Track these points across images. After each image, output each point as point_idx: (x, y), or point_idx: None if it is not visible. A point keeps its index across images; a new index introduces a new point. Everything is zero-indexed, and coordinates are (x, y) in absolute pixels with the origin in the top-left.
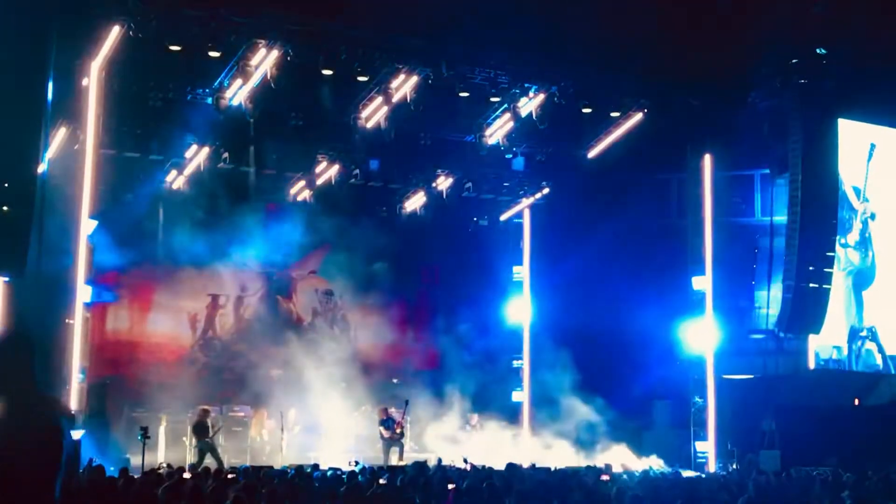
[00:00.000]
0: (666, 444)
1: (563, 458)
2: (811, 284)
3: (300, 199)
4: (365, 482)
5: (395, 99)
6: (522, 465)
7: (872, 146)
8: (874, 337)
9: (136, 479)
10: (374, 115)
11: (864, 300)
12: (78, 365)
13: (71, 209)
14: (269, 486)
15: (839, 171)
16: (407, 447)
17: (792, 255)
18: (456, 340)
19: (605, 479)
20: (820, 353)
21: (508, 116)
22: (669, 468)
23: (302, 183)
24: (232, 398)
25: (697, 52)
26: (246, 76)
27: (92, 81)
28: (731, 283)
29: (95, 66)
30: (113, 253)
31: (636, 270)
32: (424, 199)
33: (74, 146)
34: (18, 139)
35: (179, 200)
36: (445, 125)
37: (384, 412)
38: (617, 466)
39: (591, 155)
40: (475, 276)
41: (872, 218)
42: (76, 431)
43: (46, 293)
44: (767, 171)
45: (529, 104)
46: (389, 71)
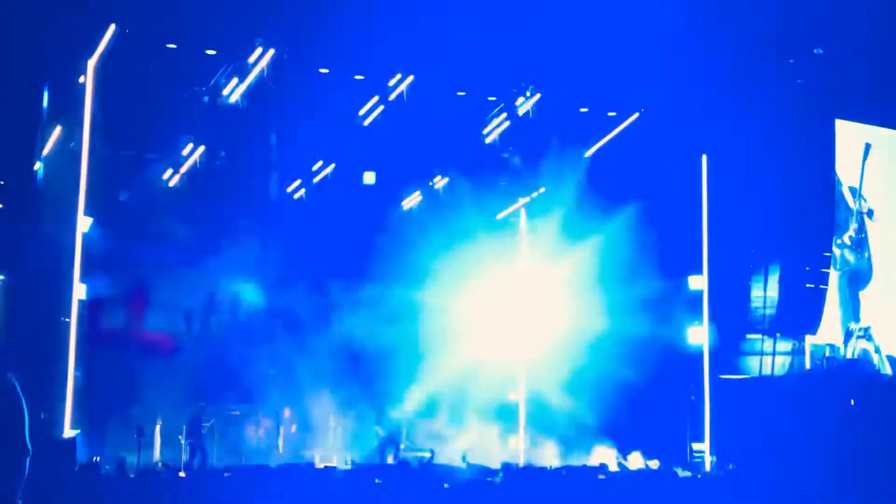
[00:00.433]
0: (661, 443)
1: (558, 457)
2: (808, 284)
3: (296, 197)
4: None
5: (392, 97)
6: (518, 464)
7: (868, 146)
8: (870, 337)
9: (131, 477)
10: (371, 114)
11: (860, 300)
12: (73, 363)
13: (67, 207)
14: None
15: (836, 171)
16: (402, 446)
17: (789, 254)
18: (453, 338)
19: (600, 478)
20: (816, 352)
21: (505, 116)
22: (665, 468)
23: (298, 181)
24: (227, 396)
25: (694, 52)
26: (243, 74)
27: (88, 79)
28: (727, 282)
29: (92, 64)
30: (108, 251)
31: (633, 269)
32: (421, 198)
33: (70, 144)
34: (14, 137)
35: (175, 198)
36: (442, 124)
37: (381, 411)
38: (612, 465)
39: (587, 154)
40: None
41: (869, 217)
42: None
43: (42, 291)
44: (764, 170)
45: (526, 103)
46: (386, 70)
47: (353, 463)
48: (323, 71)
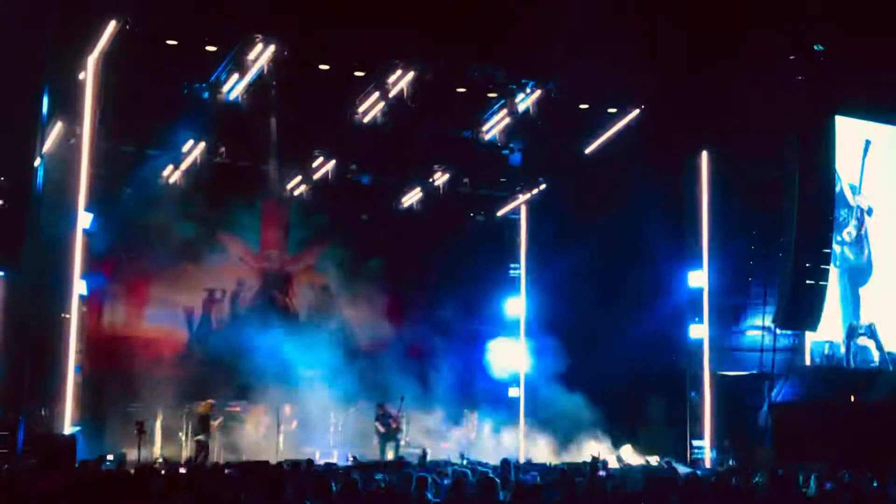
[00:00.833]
0: (662, 440)
1: (558, 453)
2: (808, 281)
3: (297, 193)
4: (361, 478)
5: (391, 94)
6: (518, 460)
7: (867, 142)
8: (873, 334)
9: (131, 473)
10: (370, 110)
11: (860, 297)
12: (73, 359)
13: (67, 203)
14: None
15: (836, 168)
16: (403, 443)
17: (788, 251)
18: (452, 337)
19: (601, 474)
20: (816, 349)
21: (505, 112)
22: (665, 464)
23: (299, 178)
24: (227, 393)
25: (695, 48)
26: (243, 71)
27: (88, 75)
28: (727, 279)
29: (92, 60)
30: (109, 247)
31: (633, 266)
32: (421, 194)
33: (71, 140)
34: (14, 133)
35: (176, 195)
36: (442, 121)
37: (381, 408)
38: (613, 462)
39: (587, 151)
40: (471, 272)
41: (869, 214)
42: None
43: (42, 287)
44: (765, 167)
45: (526, 100)
46: (386, 66)
47: (354, 459)
48: (323, 67)
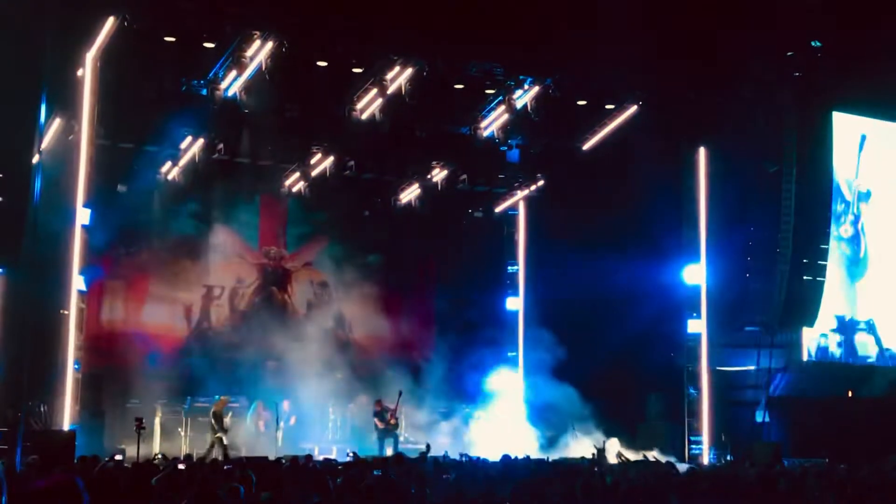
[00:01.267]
0: (660, 435)
1: (557, 449)
2: (805, 277)
3: (295, 190)
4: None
5: (389, 91)
6: (517, 456)
7: (863, 137)
8: (872, 329)
9: (130, 469)
10: (368, 106)
11: (857, 292)
12: (72, 355)
13: (66, 199)
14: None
15: (833, 163)
16: (401, 438)
17: (786, 247)
18: (450, 332)
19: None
20: (813, 345)
21: (503, 108)
22: (664, 459)
23: (297, 174)
24: (227, 390)
25: (692, 44)
26: (241, 67)
27: (87, 72)
28: (725, 275)
29: (90, 56)
30: (107, 244)
31: (631, 263)
32: (419, 191)
33: (69, 137)
34: (13, 130)
35: (174, 191)
36: (440, 117)
37: (379, 403)
38: (612, 457)
39: (585, 147)
40: (470, 268)
41: (866, 200)
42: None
43: (41, 284)
44: (762, 163)
45: (524, 96)
46: (384, 63)
47: (353, 455)
48: (321, 64)
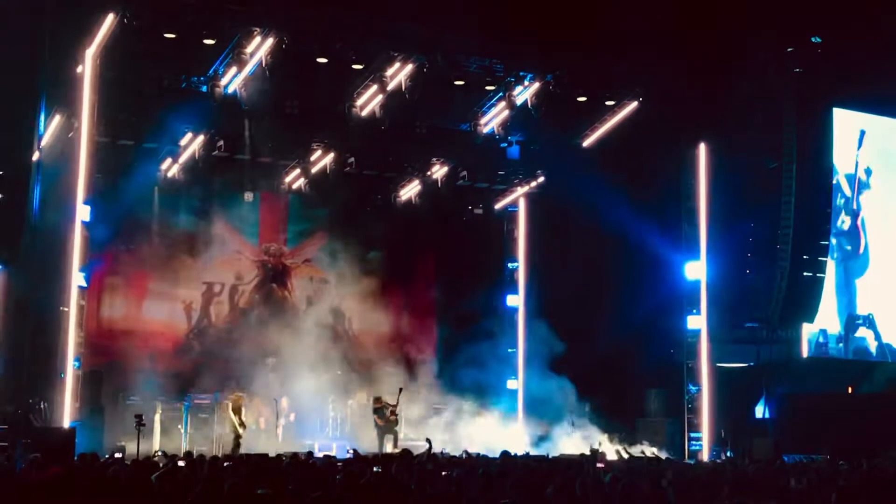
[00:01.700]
0: (660, 432)
1: (557, 446)
2: (805, 273)
3: (295, 187)
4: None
5: (389, 87)
6: (517, 452)
7: (862, 132)
8: (872, 324)
9: (129, 466)
10: (368, 103)
11: (857, 288)
12: (73, 352)
13: (65, 196)
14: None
15: (833, 159)
16: (401, 435)
17: (786, 243)
18: (450, 328)
19: (599, 466)
20: (813, 341)
21: (503, 105)
22: (663, 455)
23: (297, 171)
24: (226, 386)
25: (692, 40)
26: (241, 64)
27: (86, 69)
28: (725, 271)
29: (90, 53)
30: (107, 240)
31: (631, 258)
32: (419, 187)
33: (69, 134)
34: (13, 127)
35: (174, 188)
36: (440, 113)
37: (378, 400)
38: (611, 454)
39: (585, 143)
40: (470, 264)
41: (867, 201)
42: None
43: (41, 281)
44: (762, 159)
45: (524, 92)
46: (384, 59)
47: (353, 452)
48: (321, 60)
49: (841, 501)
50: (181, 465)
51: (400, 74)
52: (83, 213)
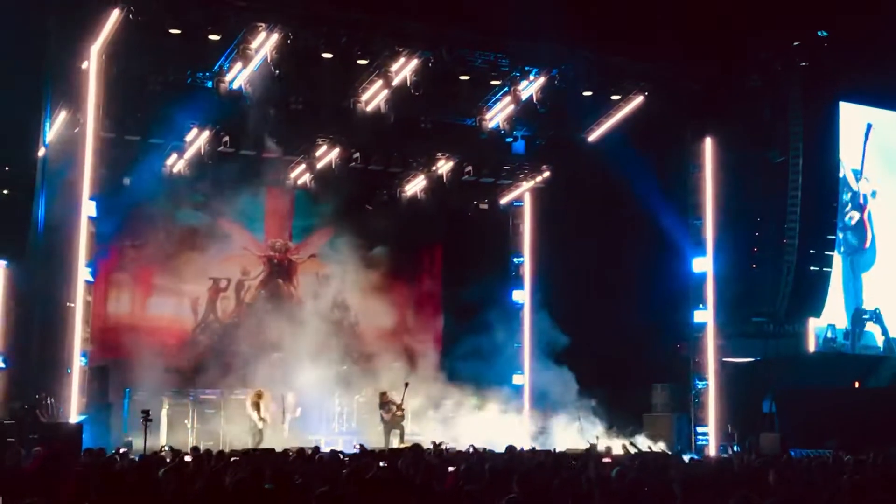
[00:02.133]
0: (666, 427)
1: (563, 440)
2: (812, 267)
3: (300, 182)
4: (366, 465)
5: (395, 82)
6: (523, 447)
7: (869, 126)
8: (879, 318)
9: (137, 461)
10: (373, 98)
11: (864, 282)
12: (79, 348)
13: (71, 192)
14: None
15: (839, 153)
16: (408, 430)
17: (792, 238)
18: (456, 324)
19: (606, 461)
20: (820, 335)
21: (509, 100)
22: (670, 451)
23: (302, 166)
24: (233, 382)
25: (698, 34)
26: (246, 60)
27: (92, 65)
28: (732, 265)
29: (95, 49)
30: (113, 236)
31: (637, 253)
32: (424, 182)
33: (74, 129)
34: (18, 123)
35: (180, 184)
36: (445, 108)
37: (384, 395)
38: (617, 449)
39: (591, 138)
40: (475, 259)
41: (873, 196)
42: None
43: (48, 276)
44: (769, 153)
45: (530, 87)
46: (389, 54)
47: (359, 447)
48: (326, 55)
49: (852, 494)
50: (188, 460)
51: (405, 69)
52: (89, 208)
